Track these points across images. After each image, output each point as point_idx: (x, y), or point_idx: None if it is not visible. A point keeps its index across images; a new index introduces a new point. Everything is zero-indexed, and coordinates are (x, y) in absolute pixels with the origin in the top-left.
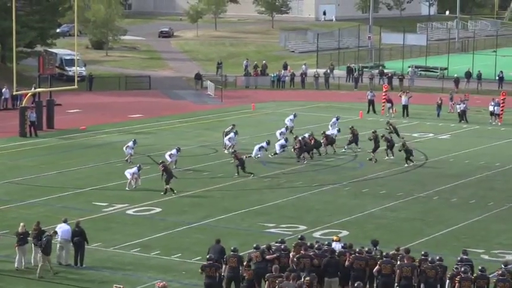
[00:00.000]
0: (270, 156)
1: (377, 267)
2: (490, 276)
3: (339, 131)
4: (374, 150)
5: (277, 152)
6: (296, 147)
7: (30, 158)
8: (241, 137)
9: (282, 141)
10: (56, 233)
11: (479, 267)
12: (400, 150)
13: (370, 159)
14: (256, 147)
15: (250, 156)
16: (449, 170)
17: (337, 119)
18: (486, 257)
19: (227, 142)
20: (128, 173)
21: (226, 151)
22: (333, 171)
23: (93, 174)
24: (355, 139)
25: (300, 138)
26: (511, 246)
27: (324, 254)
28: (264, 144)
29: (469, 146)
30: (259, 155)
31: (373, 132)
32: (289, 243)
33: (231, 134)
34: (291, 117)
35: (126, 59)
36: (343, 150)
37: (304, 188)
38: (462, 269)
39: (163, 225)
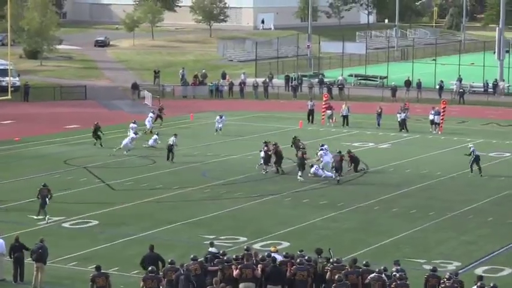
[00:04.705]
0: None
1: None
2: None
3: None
4: (275, 163)
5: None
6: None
7: None
8: (178, 148)
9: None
10: None
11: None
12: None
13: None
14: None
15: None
16: (390, 180)
17: (221, 117)
18: (428, 266)
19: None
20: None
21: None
22: (273, 182)
23: (28, 186)
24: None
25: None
26: (452, 256)
27: (268, 263)
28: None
29: (410, 155)
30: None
31: (274, 144)
32: (230, 255)
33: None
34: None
35: (61, 68)
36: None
37: (244, 199)
38: (398, 275)
39: (101, 238)
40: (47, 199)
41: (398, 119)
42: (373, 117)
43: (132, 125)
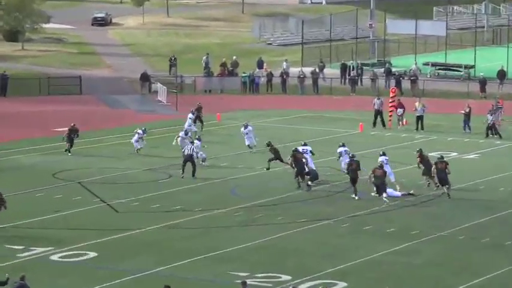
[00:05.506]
0: None
1: None
2: None
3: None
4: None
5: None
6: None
7: None
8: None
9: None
10: None
11: None
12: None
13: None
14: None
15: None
16: (479, 201)
17: (246, 127)
18: None
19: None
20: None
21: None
22: (326, 202)
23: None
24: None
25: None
26: None
27: None
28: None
29: (504, 169)
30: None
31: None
32: None
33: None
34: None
35: (49, 54)
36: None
37: (287, 225)
38: None
39: (100, 274)
40: None
41: (489, 121)
42: (455, 118)
43: (139, 130)
